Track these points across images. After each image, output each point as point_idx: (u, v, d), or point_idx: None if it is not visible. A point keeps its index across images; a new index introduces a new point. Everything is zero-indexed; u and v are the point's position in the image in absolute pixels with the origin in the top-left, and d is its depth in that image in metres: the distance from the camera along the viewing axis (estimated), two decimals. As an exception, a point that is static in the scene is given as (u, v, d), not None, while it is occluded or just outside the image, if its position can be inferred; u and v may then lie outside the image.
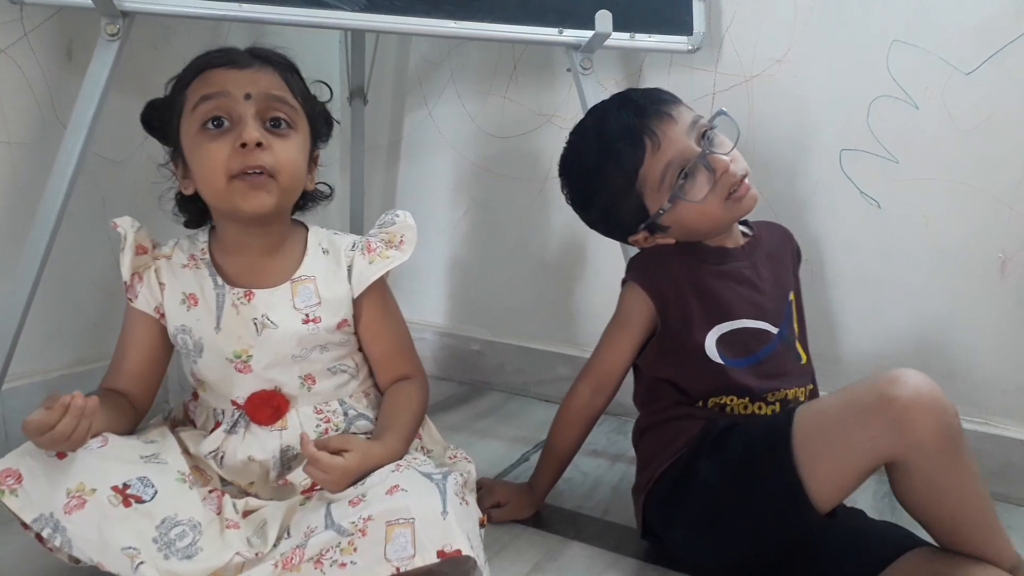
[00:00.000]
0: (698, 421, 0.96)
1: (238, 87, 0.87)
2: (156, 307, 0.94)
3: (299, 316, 0.92)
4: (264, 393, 0.93)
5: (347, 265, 0.95)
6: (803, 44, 1.30)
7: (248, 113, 0.87)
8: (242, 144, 0.85)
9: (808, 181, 1.32)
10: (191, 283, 0.93)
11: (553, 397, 1.57)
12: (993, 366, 1.24)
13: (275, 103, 0.89)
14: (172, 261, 0.95)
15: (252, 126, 0.86)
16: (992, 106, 1.19)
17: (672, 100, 0.98)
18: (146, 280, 0.94)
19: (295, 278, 0.94)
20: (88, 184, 1.25)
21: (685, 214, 0.96)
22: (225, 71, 0.89)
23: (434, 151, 1.67)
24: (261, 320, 0.91)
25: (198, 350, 0.93)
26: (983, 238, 1.22)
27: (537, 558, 0.99)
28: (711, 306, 0.97)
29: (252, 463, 0.91)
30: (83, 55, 1.14)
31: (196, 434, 0.95)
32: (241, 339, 0.91)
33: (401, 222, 0.98)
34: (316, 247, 0.97)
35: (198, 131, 0.88)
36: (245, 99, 0.87)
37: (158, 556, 0.76)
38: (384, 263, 0.96)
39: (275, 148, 0.87)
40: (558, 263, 1.58)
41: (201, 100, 0.88)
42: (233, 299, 0.92)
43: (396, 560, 0.74)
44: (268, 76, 0.90)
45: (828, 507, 0.82)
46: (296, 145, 0.90)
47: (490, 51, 1.57)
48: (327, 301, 0.94)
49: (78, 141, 1.05)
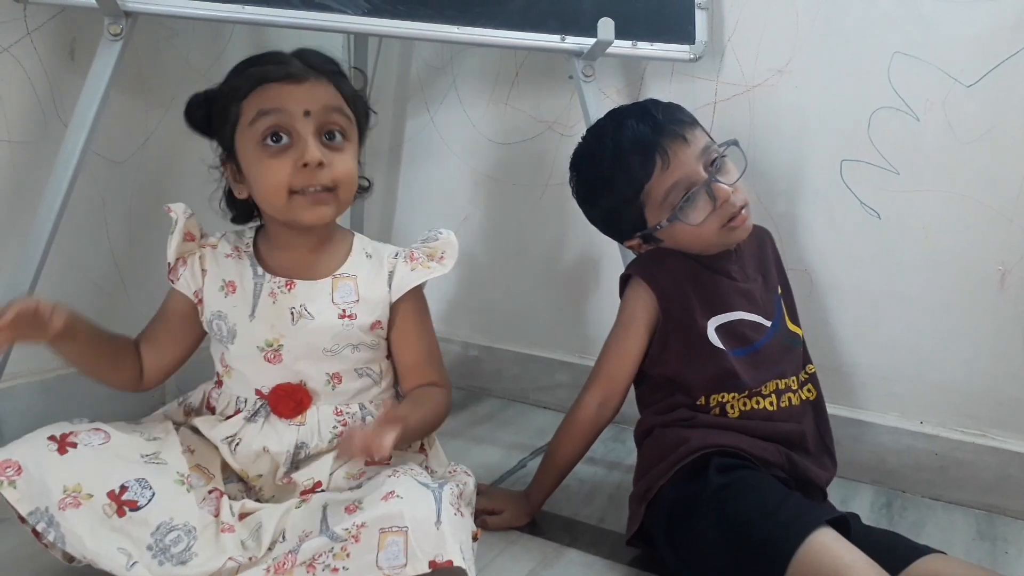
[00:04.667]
0: (702, 431, 0.97)
1: (297, 104, 0.89)
2: (196, 291, 0.96)
3: (336, 310, 0.94)
4: (289, 386, 0.94)
5: (389, 270, 0.98)
6: (805, 54, 1.31)
7: (308, 131, 0.89)
8: (304, 164, 0.87)
9: (808, 191, 1.32)
10: (232, 271, 0.96)
11: (551, 404, 1.57)
12: (991, 379, 1.24)
13: (332, 115, 0.91)
14: (217, 250, 0.98)
15: (313, 145, 0.88)
16: (992, 119, 1.19)
17: (689, 122, 1.02)
18: (190, 264, 0.97)
19: (337, 274, 0.96)
20: (89, 184, 1.25)
21: (680, 232, 1.00)
22: (283, 86, 0.90)
23: (435, 156, 1.67)
24: (299, 310, 0.93)
25: (231, 336, 0.94)
26: (982, 250, 1.22)
27: (532, 565, 0.99)
28: (709, 298, 1.02)
29: (265, 454, 0.92)
30: (86, 55, 1.14)
31: (213, 419, 0.95)
32: (275, 328, 0.93)
33: (444, 239, 1.01)
34: (360, 251, 1.00)
35: (257, 145, 0.90)
36: (304, 116, 0.89)
37: (152, 563, 0.77)
38: (425, 272, 0.98)
39: (334, 164, 0.90)
40: (558, 270, 1.58)
41: (259, 115, 0.89)
42: (272, 287, 0.94)
43: (388, 568, 0.75)
44: (324, 89, 0.92)
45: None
46: (351, 155, 0.93)
47: (492, 57, 1.58)
48: (365, 300, 0.96)
49: (79, 141, 1.05)
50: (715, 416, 1.00)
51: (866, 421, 1.31)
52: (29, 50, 1.17)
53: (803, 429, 1.02)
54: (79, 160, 1.05)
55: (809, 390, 1.06)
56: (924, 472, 1.27)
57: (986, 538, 1.15)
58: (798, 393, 1.04)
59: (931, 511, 1.23)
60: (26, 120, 1.18)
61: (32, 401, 1.21)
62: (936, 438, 1.26)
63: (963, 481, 1.24)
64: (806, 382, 1.06)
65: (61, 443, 0.81)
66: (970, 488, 1.24)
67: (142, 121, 1.33)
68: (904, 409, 1.30)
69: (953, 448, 1.25)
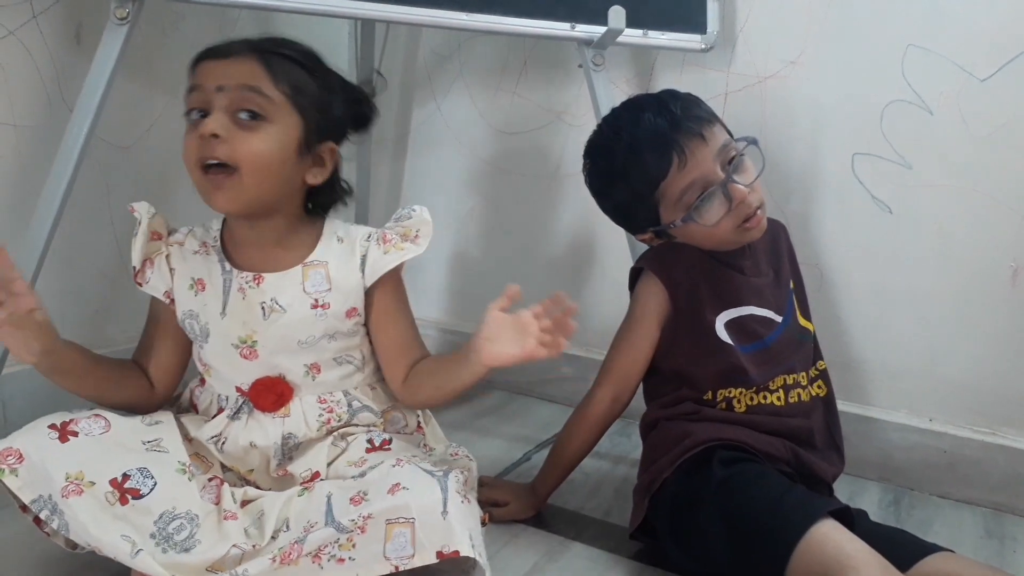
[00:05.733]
0: (706, 424, 0.97)
1: (212, 79, 0.87)
2: (166, 291, 0.94)
3: (308, 300, 0.92)
4: (268, 380, 0.93)
5: (361, 254, 0.94)
6: (817, 46, 1.29)
7: (219, 105, 0.85)
8: (200, 136, 0.85)
9: (819, 184, 1.31)
10: (200, 268, 0.93)
11: (556, 397, 1.56)
12: (1002, 377, 1.23)
13: (247, 94, 0.86)
14: (184, 247, 0.95)
15: (213, 118, 0.85)
16: (1007, 113, 1.18)
17: (708, 119, 0.99)
18: (157, 265, 0.94)
19: (307, 262, 0.93)
20: (93, 169, 1.24)
21: (694, 231, 0.99)
22: (208, 62, 0.88)
23: (442, 146, 1.66)
24: (269, 304, 0.91)
25: (204, 335, 0.93)
26: (995, 247, 1.21)
27: (537, 558, 0.99)
28: (719, 292, 1.01)
29: (253, 449, 0.91)
30: (92, 39, 1.13)
31: (198, 419, 0.94)
32: (246, 324, 0.91)
33: (417, 216, 0.96)
34: (331, 235, 0.96)
35: (186, 121, 0.89)
36: (217, 91, 0.86)
37: (156, 550, 0.76)
38: (398, 254, 0.94)
39: (235, 140, 0.85)
40: (564, 262, 1.57)
41: (188, 92, 0.89)
42: (241, 283, 0.92)
43: (395, 559, 0.74)
44: (245, 66, 0.87)
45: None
46: (263, 137, 0.86)
47: (500, 46, 1.56)
48: (338, 287, 0.93)
49: (84, 125, 1.04)
50: (721, 410, 0.99)
51: (875, 418, 1.30)
52: (35, 33, 1.16)
53: (811, 425, 1.01)
54: (84, 145, 1.04)
55: (819, 386, 1.05)
56: (932, 469, 1.26)
57: (994, 536, 1.14)
58: (807, 389, 1.03)
59: (939, 509, 1.22)
60: (31, 104, 1.17)
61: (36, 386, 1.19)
62: (945, 435, 1.25)
63: (972, 479, 1.23)
64: (816, 378, 1.05)
65: (62, 431, 0.81)
66: (979, 486, 1.23)
67: (147, 106, 1.32)
68: (913, 406, 1.29)
69: (962, 446, 1.24)
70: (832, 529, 0.81)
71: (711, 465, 0.92)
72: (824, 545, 0.80)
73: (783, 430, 0.98)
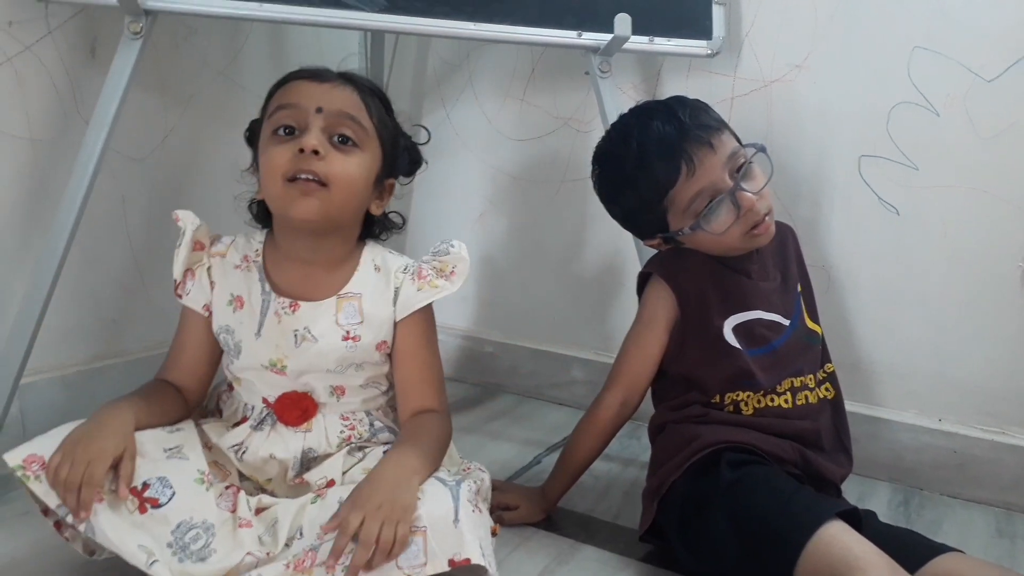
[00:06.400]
0: (714, 427, 0.97)
1: (311, 100, 0.89)
2: (205, 304, 0.96)
3: (340, 332, 0.93)
4: (295, 394, 0.94)
5: (395, 287, 0.96)
6: (823, 49, 1.30)
7: (316, 124, 0.89)
8: (300, 149, 0.87)
9: (827, 187, 1.32)
10: (240, 285, 0.95)
11: (567, 401, 1.57)
12: (1011, 376, 1.23)
13: (345, 120, 0.90)
14: (226, 260, 0.96)
15: (314, 134, 0.88)
16: (1014, 114, 1.18)
17: (716, 127, 0.99)
18: (198, 277, 0.95)
19: (342, 294, 0.94)
20: (109, 181, 1.26)
21: (703, 238, 1.00)
22: (305, 83, 0.91)
23: (451, 153, 1.68)
24: (302, 333, 0.92)
25: (237, 351, 0.94)
26: (1002, 247, 1.21)
27: (547, 561, 1.00)
28: (727, 297, 1.01)
29: (272, 461, 0.92)
30: (106, 53, 1.15)
31: (220, 426, 0.96)
32: (279, 348, 0.92)
33: (455, 253, 0.98)
34: (369, 263, 0.97)
35: (270, 136, 0.91)
36: (316, 112, 0.89)
37: (172, 560, 0.78)
38: (431, 292, 0.96)
39: (332, 159, 0.88)
40: (573, 266, 1.58)
41: (277, 108, 0.91)
42: (277, 307, 0.93)
43: (408, 568, 0.75)
44: (344, 93, 0.92)
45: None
46: (357, 162, 0.91)
47: (508, 53, 1.58)
48: (369, 320, 0.94)
49: (99, 138, 1.06)
50: (729, 413, 1.00)
51: (884, 418, 1.30)
52: (50, 48, 1.18)
53: (818, 427, 1.01)
54: (99, 157, 1.06)
55: (827, 389, 1.06)
56: (942, 470, 1.26)
57: (1005, 536, 1.14)
58: (815, 391, 1.03)
59: (949, 509, 1.22)
60: (47, 118, 1.19)
61: (54, 396, 1.22)
62: (955, 435, 1.25)
63: (982, 479, 1.23)
64: (824, 380, 1.06)
65: (84, 439, 0.82)
66: (989, 486, 1.23)
67: (161, 119, 1.34)
68: (922, 406, 1.29)
69: (972, 446, 1.24)
70: (840, 530, 0.82)
71: (719, 467, 0.92)
72: (832, 546, 0.80)
73: (791, 432, 0.98)
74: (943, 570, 0.85)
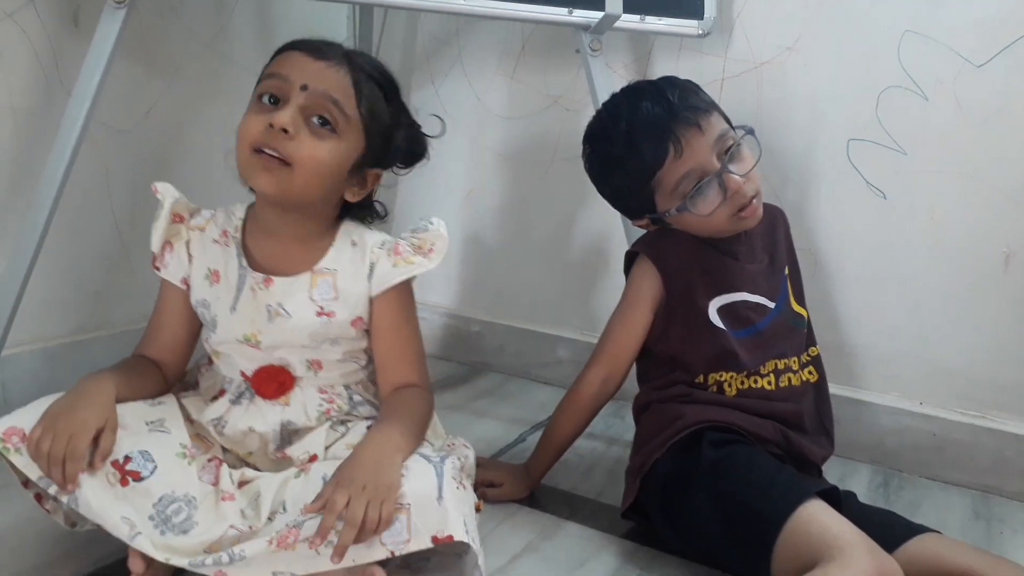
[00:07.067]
0: (697, 406, 0.98)
1: (301, 75, 0.87)
2: (183, 278, 0.95)
3: (314, 308, 0.92)
4: (272, 368, 0.93)
5: (371, 263, 0.94)
6: (814, 32, 1.29)
7: (295, 102, 0.86)
8: (271, 125, 0.85)
9: (815, 170, 1.32)
10: (218, 260, 0.94)
11: (552, 380, 1.58)
12: (992, 362, 1.24)
13: (327, 103, 0.87)
14: (205, 234, 0.95)
15: (288, 112, 0.85)
16: (1003, 99, 1.19)
17: (705, 108, 0.99)
18: (176, 250, 0.94)
19: (316, 269, 0.93)
20: (92, 153, 1.25)
21: (690, 219, 1.00)
22: (301, 56, 0.89)
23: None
24: (275, 307, 0.91)
25: (213, 325, 0.94)
26: (988, 232, 1.22)
27: (531, 537, 1.00)
28: (713, 279, 1.02)
29: (252, 434, 0.92)
30: (90, 22, 1.13)
31: (199, 399, 0.95)
32: (254, 323, 0.92)
33: (434, 231, 0.96)
34: (346, 238, 0.96)
35: (255, 102, 0.89)
36: (300, 89, 0.87)
37: (154, 532, 0.78)
38: (407, 268, 0.94)
39: (302, 141, 0.86)
40: (561, 246, 1.58)
41: (268, 76, 0.89)
42: (252, 282, 0.92)
43: (391, 544, 0.75)
44: (337, 76, 0.88)
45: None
46: (329, 148, 0.88)
47: (498, 30, 1.56)
48: (344, 297, 0.93)
49: (82, 109, 1.05)
50: (712, 393, 1.01)
51: (866, 401, 1.31)
52: (32, 16, 1.16)
53: (801, 409, 1.02)
54: (82, 128, 1.05)
55: (811, 372, 1.06)
56: (922, 452, 1.27)
57: (982, 518, 1.16)
58: (799, 374, 1.04)
59: (928, 491, 1.23)
60: (29, 87, 1.18)
61: (36, 368, 1.22)
62: (935, 419, 1.27)
63: (960, 462, 1.25)
64: (808, 363, 1.06)
65: (65, 411, 0.82)
66: (967, 469, 1.25)
67: (146, 90, 1.33)
68: (904, 390, 1.30)
69: (951, 429, 1.26)
70: (819, 510, 0.83)
71: (701, 446, 0.93)
72: (811, 525, 0.81)
73: (773, 414, 0.99)
74: (921, 550, 0.86)
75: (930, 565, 0.85)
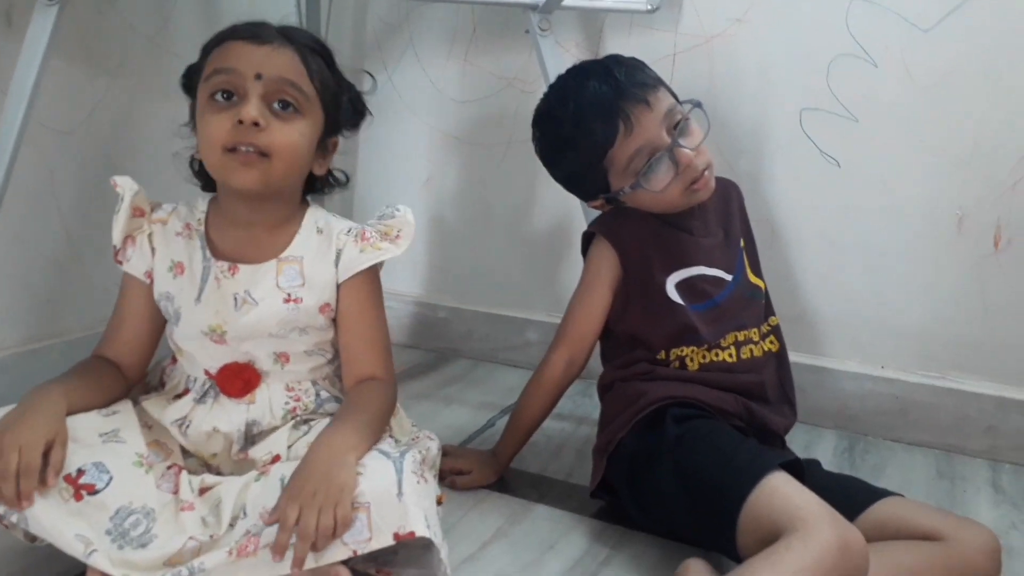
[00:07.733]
0: (660, 383, 0.99)
1: (250, 65, 0.86)
2: (147, 271, 0.93)
3: (281, 295, 0.91)
4: (236, 365, 0.92)
5: (337, 249, 0.94)
6: (763, 3, 1.29)
7: (255, 92, 0.86)
8: (240, 121, 0.84)
9: (769, 141, 1.32)
10: (181, 252, 0.93)
11: (520, 363, 1.58)
12: (950, 322, 1.26)
13: (285, 87, 0.87)
14: (167, 227, 0.94)
15: (253, 104, 0.85)
16: (950, 63, 1.20)
17: (652, 84, 0.99)
18: (139, 244, 0.93)
19: (282, 257, 0.92)
20: (35, 156, 1.21)
21: (643, 197, 1.00)
22: (243, 45, 0.88)
23: (394, 117, 1.65)
24: (242, 296, 0.90)
25: (176, 318, 0.92)
26: (940, 195, 1.23)
27: (500, 522, 1.00)
28: (669, 254, 1.02)
29: (216, 434, 0.90)
30: (23, 21, 1.10)
31: (162, 399, 0.94)
32: (219, 313, 0.91)
33: (400, 217, 0.96)
34: (312, 225, 0.95)
35: (207, 101, 0.87)
36: (255, 79, 0.86)
37: (112, 547, 0.76)
38: (374, 254, 0.94)
39: (273, 129, 0.86)
40: (523, 228, 1.57)
41: (214, 72, 0.87)
42: (217, 272, 0.91)
43: (353, 544, 0.75)
44: (285, 57, 0.88)
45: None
46: (298, 129, 0.88)
47: (449, 12, 1.54)
48: (311, 283, 0.92)
49: (19, 110, 1.02)
50: (674, 369, 1.01)
51: (828, 368, 1.33)
52: (-38, 17, 1.12)
53: (763, 380, 1.03)
54: (20, 130, 1.02)
55: (772, 342, 1.07)
56: (885, 416, 1.29)
57: (945, 477, 1.18)
58: (760, 345, 1.05)
59: (892, 453, 1.25)
60: (-36, 91, 1.14)
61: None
62: (897, 382, 1.29)
63: (923, 423, 1.27)
64: (768, 334, 1.07)
65: (15, 427, 0.79)
66: (930, 429, 1.27)
67: (88, 89, 1.29)
68: (865, 355, 1.32)
69: (913, 391, 1.28)
70: (782, 482, 0.83)
71: (665, 423, 0.94)
72: (773, 497, 0.81)
73: (735, 386, 1.00)
74: (884, 514, 0.87)
75: (894, 528, 0.86)
